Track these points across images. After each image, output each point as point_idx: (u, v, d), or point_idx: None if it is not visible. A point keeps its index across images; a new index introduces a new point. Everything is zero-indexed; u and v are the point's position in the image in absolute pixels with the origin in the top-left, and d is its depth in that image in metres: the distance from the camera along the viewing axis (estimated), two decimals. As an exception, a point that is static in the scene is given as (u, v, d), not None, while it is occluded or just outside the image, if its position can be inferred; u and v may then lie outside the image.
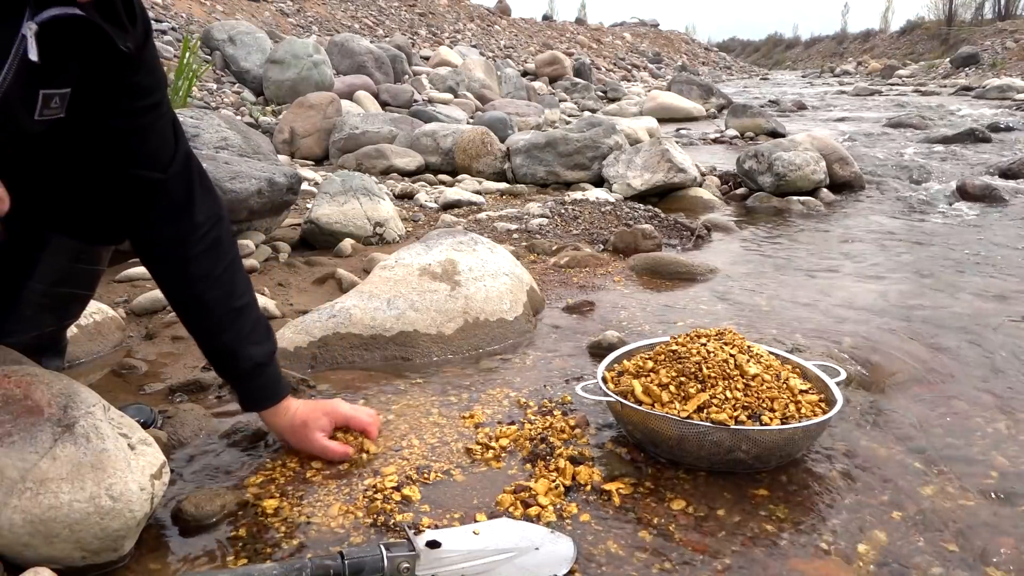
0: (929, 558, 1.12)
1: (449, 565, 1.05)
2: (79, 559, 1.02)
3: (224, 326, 1.29)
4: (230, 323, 1.28)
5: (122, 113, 1.16)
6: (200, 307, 1.29)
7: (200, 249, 1.26)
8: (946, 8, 36.71)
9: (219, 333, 1.29)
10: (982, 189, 4.18)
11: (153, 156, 1.22)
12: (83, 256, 1.35)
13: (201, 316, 1.30)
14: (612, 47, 25.31)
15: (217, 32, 7.36)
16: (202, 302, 1.28)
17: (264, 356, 1.32)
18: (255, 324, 1.32)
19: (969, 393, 1.71)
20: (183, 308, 1.31)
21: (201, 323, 1.31)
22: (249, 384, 1.32)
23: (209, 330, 1.31)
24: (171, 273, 1.30)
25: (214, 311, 1.28)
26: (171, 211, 1.25)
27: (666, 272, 2.63)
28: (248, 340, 1.30)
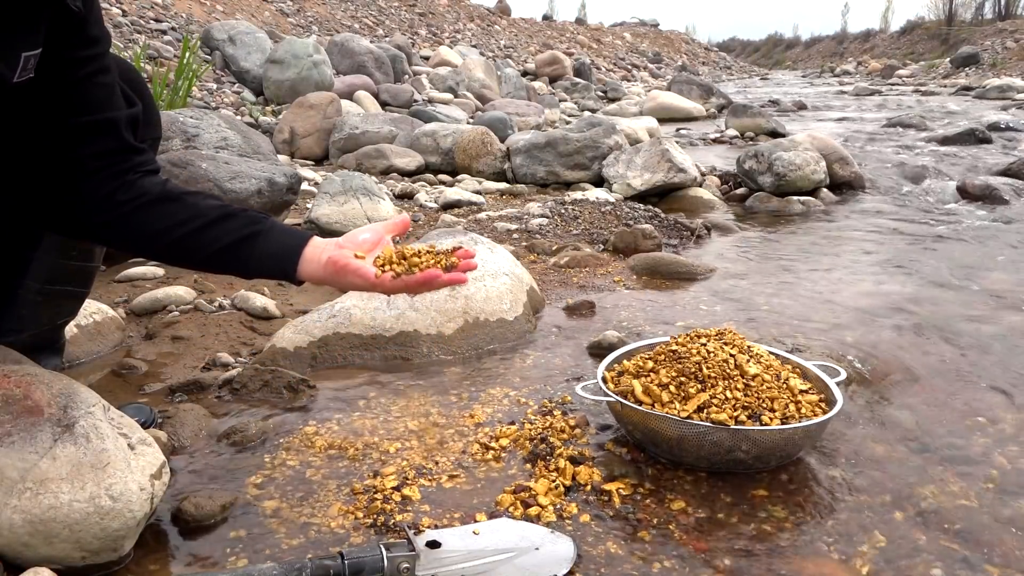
0: (929, 558, 1.12)
1: (449, 565, 1.05)
2: (79, 559, 1.02)
3: (208, 222, 1.14)
4: (214, 218, 1.15)
5: (74, 64, 1.11)
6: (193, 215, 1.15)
7: (160, 178, 1.18)
8: (946, 8, 36.71)
9: (208, 228, 1.14)
10: (982, 189, 4.18)
11: (104, 102, 1.15)
12: (74, 252, 1.35)
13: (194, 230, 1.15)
14: (612, 47, 25.31)
15: (217, 32, 7.36)
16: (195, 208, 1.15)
17: (260, 215, 1.18)
18: (239, 212, 1.17)
19: (969, 393, 1.71)
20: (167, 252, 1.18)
21: (194, 239, 1.16)
22: (259, 242, 1.14)
23: (200, 238, 1.15)
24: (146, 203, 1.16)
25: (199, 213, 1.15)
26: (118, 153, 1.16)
27: (666, 272, 2.63)
28: (238, 214, 1.16)
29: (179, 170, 2.45)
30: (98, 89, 1.15)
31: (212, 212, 1.16)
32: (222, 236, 1.14)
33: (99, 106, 1.14)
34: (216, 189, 2.48)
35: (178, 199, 1.16)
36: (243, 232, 1.14)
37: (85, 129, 1.13)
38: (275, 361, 1.76)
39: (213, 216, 1.15)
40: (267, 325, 2.06)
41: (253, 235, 1.14)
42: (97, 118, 1.14)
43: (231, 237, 1.14)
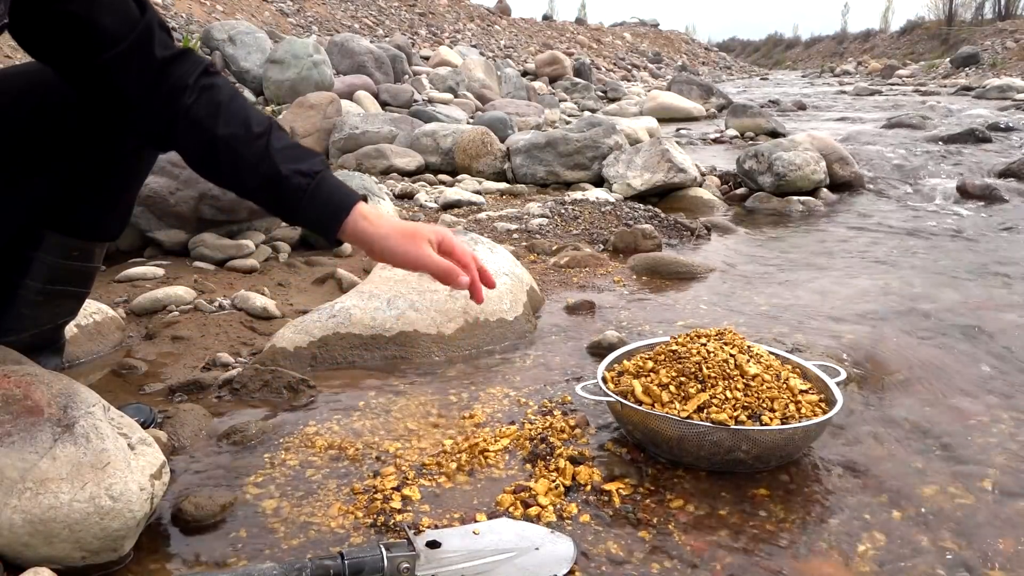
0: (929, 558, 1.12)
1: (449, 565, 1.05)
2: (79, 559, 1.02)
3: (254, 158, 1.12)
4: (259, 152, 1.12)
5: None
6: (223, 150, 1.13)
7: (197, 93, 1.13)
8: (946, 8, 36.74)
9: (253, 165, 1.12)
10: (982, 189, 4.18)
11: (106, 33, 1.08)
12: (76, 254, 1.35)
13: (227, 160, 1.14)
14: (612, 47, 25.31)
15: (217, 32, 7.36)
16: (222, 144, 1.12)
17: (312, 166, 1.14)
18: (288, 144, 1.15)
19: (970, 393, 1.71)
20: (207, 160, 1.16)
21: (230, 166, 1.14)
22: (305, 203, 1.13)
23: (245, 175, 1.14)
24: (187, 133, 1.14)
25: (238, 147, 1.12)
26: (156, 66, 1.12)
27: (666, 272, 2.63)
28: (285, 160, 1.12)
29: (179, 170, 2.45)
30: (113, 10, 1.08)
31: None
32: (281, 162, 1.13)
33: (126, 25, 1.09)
34: (216, 189, 2.48)
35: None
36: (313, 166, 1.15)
37: (110, 66, 1.09)
38: (275, 361, 1.76)
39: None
40: (267, 325, 2.06)
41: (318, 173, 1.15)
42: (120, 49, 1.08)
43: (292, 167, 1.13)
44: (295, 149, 1.15)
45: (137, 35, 1.10)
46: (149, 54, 1.12)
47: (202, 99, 1.13)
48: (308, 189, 1.13)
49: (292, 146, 1.16)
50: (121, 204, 1.38)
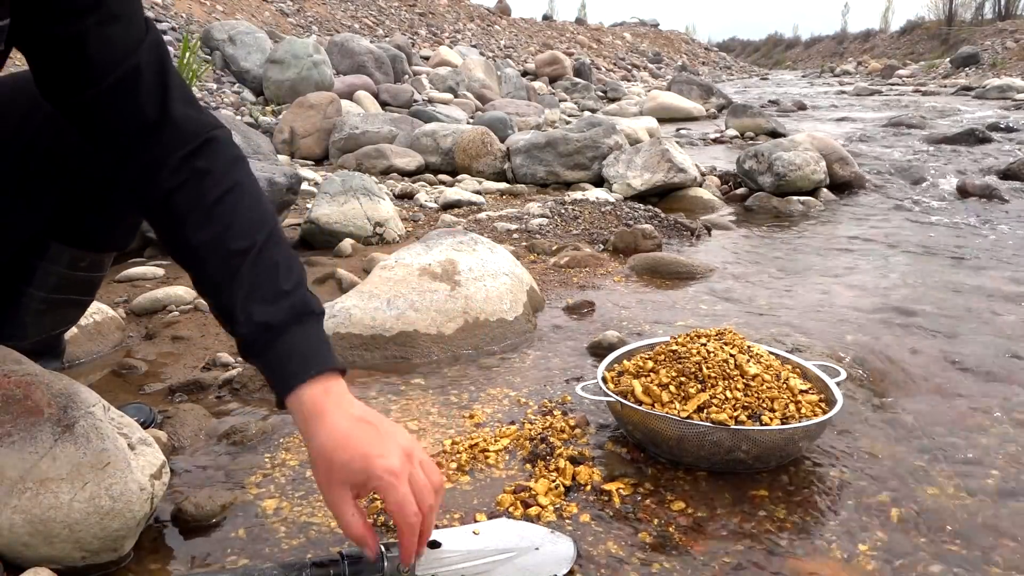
0: (929, 558, 1.12)
1: (449, 565, 1.05)
2: (79, 559, 1.02)
3: (221, 279, 0.93)
4: (229, 274, 0.93)
5: (64, 15, 0.89)
6: (191, 256, 0.97)
7: (183, 176, 0.95)
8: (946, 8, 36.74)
9: (218, 289, 0.94)
10: (982, 189, 4.18)
11: (109, 60, 0.93)
12: (83, 264, 1.33)
13: (194, 268, 0.97)
14: (612, 47, 25.30)
15: (217, 32, 7.36)
16: (190, 248, 0.96)
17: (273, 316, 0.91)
18: (264, 274, 0.93)
19: (970, 393, 1.71)
20: (178, 258, 1.00)
21: (198, 278, 0.98)
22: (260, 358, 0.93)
23: (205, 288, 0.98)
24: (159, 213, 0.98)
25: (206, 260, 0.95)
26: (138, 126, 0.95)
27: (666, 272, 2.63)
28: (250, 298, 0.92)
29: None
30: (105, 42, 0.92)
31: None
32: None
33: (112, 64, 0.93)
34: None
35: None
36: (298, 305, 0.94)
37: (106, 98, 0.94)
38: (275, 361, 1.76)
39: None
40: (267, 325, 2.05)
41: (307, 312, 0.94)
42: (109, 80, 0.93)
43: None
44: (272, 280, 0.93)
45: (120, 75, 0.93)
46: (131, 105, 0.95)
47: (187, 188, 0.96)
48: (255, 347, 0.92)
49: (272, 273, 0.94)
50: (130, 215, 1.34)
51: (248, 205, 0.98)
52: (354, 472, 0.86)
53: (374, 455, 0.86)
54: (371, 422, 0.90)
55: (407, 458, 0.89)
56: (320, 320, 0.96)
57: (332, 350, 0.94)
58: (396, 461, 0.87)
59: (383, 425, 0.91)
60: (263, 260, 0.94)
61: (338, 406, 0.89)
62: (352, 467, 0.86)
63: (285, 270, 0.95)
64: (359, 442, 0.87)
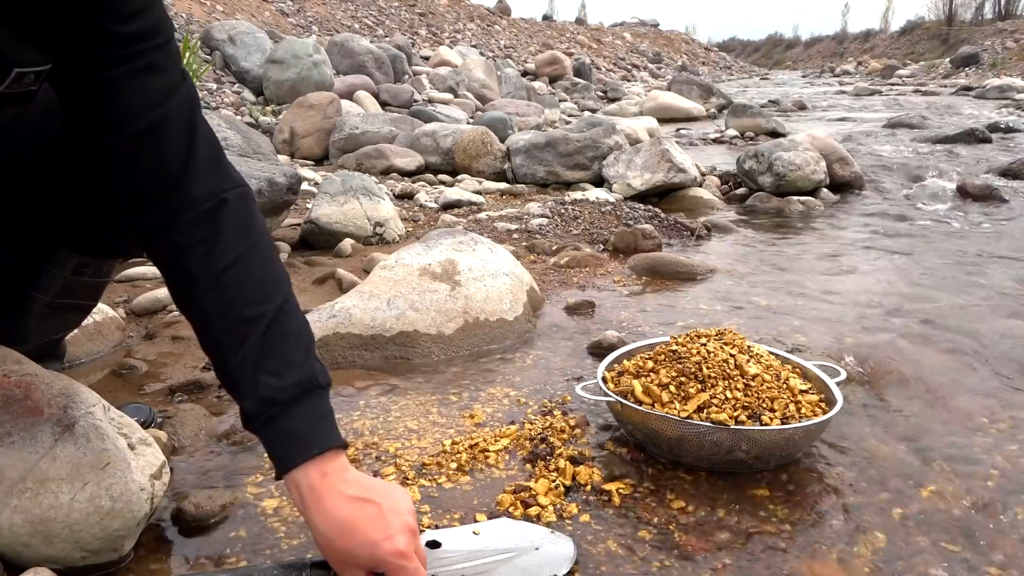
0: (929, 558, 1.12)
1: (449, 565, 1.05)
2: (79, 559, 1.02)
3: (228, 346, 0.93)
4: (236, 342, 0.92)
5: (104, 64, 0.89)
6: (198, 316, 0.96)
7: (196, 236, 0.94)
8: (946, 8, 36.75)
9: (224, 355, 0.94)
10: (982, 189, 4.18)
11: (136, 110, 0.92)
12: (88, 269, 1.32)
13: (201, 329, 0.97)
14: (612, 47, 25.31)
15: (217, 32, 7.36)
16: (198, 309, 0.96)
17: (279, 393, 0.91)
18: (273, 346, 0.92)
19: (969, 393, 1.71)
20: (185, 314, 0.99)
21: (204, 339, 0.97)
22: (261, 433, 0.93)
23: (213, 350, 0.96)
24: (168, 268, 0.98)
25: (213, 324, 0.94)
26: (157, 179, 0.94)
27: (666, 272, 2.63)
28: (258, 370, 0.91)
29: (179, 170, 2.45)
30: (138, 91, 0.91)
31: None
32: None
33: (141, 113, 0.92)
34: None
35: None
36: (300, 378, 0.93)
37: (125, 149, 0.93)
38: (275, 361, 1.76)
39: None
40: (267, 325, 2.05)
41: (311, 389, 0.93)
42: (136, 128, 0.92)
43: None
44: (282, 352, 0.93)
45: (146, 125, 0.92)
46: (153, 157, 0.93)
47: (199, 248, 0.94)
48: (257, 421, 0.92)
49: (281, 344, 0.93)
50: None
51: (261, 270, 0.96)
52: (362, 559, 0.87)
53: (380, 540, 0.87)
54: (372, 500, 0.90)
55: (411, 534, 0.89)
56: (326, 393, 0.95)
57: (334, 424, 0.94)
58: (403, 543, 0.87)
59: (385, 501, 0.90)
60: (273, 331, 0.93)
61: (335, 488, 0.89)
62: (359, 554, 0.87)
63: (295, 340, 0.94)
64: (363, 528, 0.87)
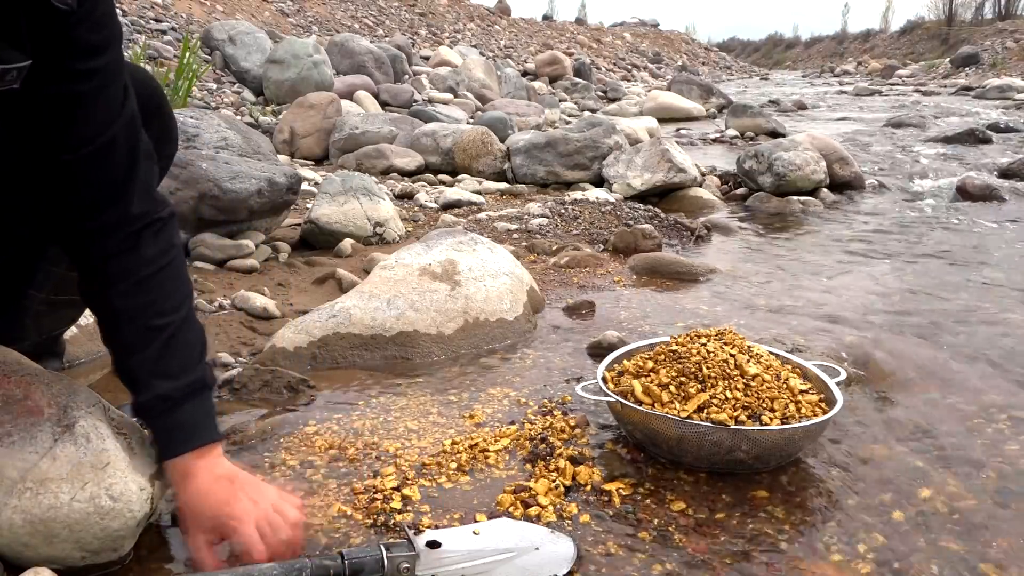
0: (929, 558, 1.12)
1: (449, 565, 1.05)
2: (79, 559, 1.02)
3: (133, 346, 1.05)
4: (142, 344, 1.05)
5: (59, 77, 0.94)
6: (109, 316, 1.08)
7: (124, 247, 1.05)
8: (946, 8, 36.76)
9: (128, 353, 1.07)
10: (982, 189, 4.18)
11: (91, 130, 1.00)
12: None
13: (109, 327, 1.09)
14: (612, 47, 25.30)
15: (217, 32, 7.36)
16: (111, 310, 1.07)
17: (173, 391, 1.05)
18: (174, 351, 1.06)
19: (969, 393, 1.71)
20: (95, 311, 1.11)
21: (109, 336, 1.10)
22: (152, 424, 1.08)
23: (115, 347, 1.09)
24: (91, 270, 1.08)
25: (123, 325, 1.06)
26: (102, 193, 1.03)
27: (666, 272, 2.63)
28: (157, 370, 1.05)
29: (179, 170, 2.45)
30: (94, 110, 0.99)
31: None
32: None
33: (96, 132, 1.00)
34: (216, 189, 2.48)
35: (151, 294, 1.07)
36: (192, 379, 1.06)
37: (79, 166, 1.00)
38: (275, 361, 1.76)
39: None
40: (267, 325, 2.06)
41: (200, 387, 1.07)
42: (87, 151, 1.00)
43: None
44: (178, 358, 1.06)
45: (99, 145, 1.00)
46: (99, 175, 1.03)
47: (123, 258, 1.05)
48: (151, 414, 1.06)
49: (179, 351, 1.07)
50: None
51: (173, 285, 1.09)
52: (208, 519, 1.03)
53: (222, 503, 1.03)
54: (230, 478, 1.06)
55: (253, 503, 1.03)
56: (211, 391, 1.10)
57: (215, 421, 1.10)
58: (240, 508, 1.02)
59: (239, 480, 1.06)
60: (176, 338, 1.07)
61: (205, 468, 1.05)
62: (206, 515, 1.03)
63: (192, 347, 1.09)
64: (215, 496, 1.03)
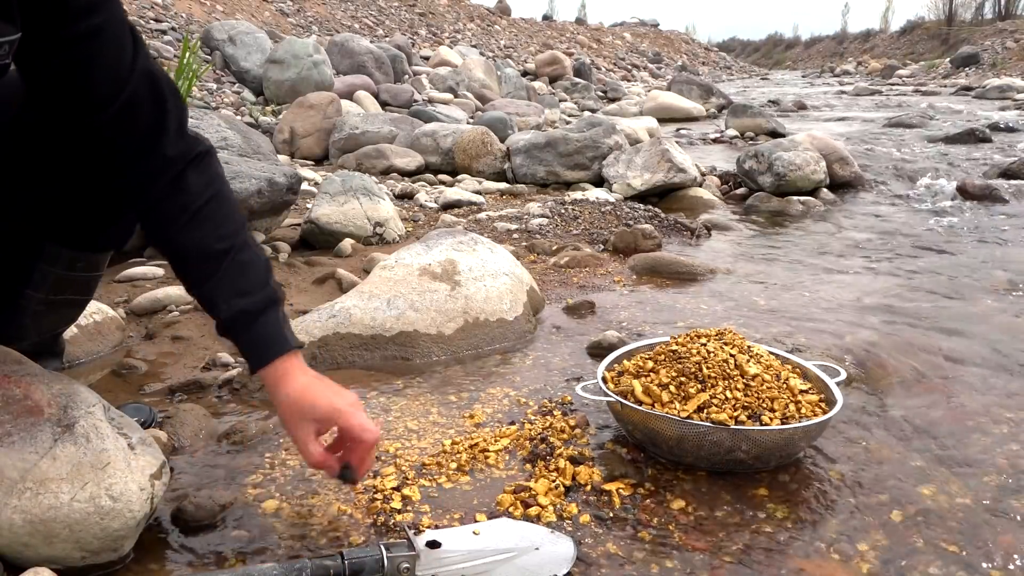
0: (929, 558, 1.12)
1: (449, 565, 1.05)
2: (79, 559, 1.02)
3: (204, 274, 1.12)
4: (211, 269, 1.11)
5: (61, 45, 0.99)
6: (177, 253, 1.14)
7: (173, 187, 1.11)
8: (946, 8, 36.77)
9: (199, 282, 1.13)
10: (982, 189, 4.18)
11: (110, 88, 1.05)
12: (79, 264, 1.32)
13: (179, 262, 1.15)
14: (612, 47, 25.31)
15: (217, 32, 7.36)
16: (177, 247, 1.13)
17: (250, 306, 1.11)
18: (242, 271, 1.13)
19: (969, 393, 1.71)
20: (162, 252, 1.18)
21: (181, 270, 1.15)
22: (239, 338, 1.13)
23: (189, 278, 1.15)
24: (148, 215, 1.15)
25: (190, 257, 1.13)
26: (138, 145, 1.10)
27: (666, 272, 2.63)
28: (231, 290, 1.11)
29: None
30: (107, 68, 1.03)
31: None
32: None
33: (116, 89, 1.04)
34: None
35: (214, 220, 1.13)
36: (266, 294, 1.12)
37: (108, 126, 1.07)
38: (275, 361, 1.76)
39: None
40: (267, 325, 2.05)
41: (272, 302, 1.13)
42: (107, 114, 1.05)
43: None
44: (247, 277, 1.13)
45: (123, 101, 1.06)
46: (133, 129, 1.08)
47: (176, 197, 1.11)
48: (235, 329, 1.12)
49: (247, 270, 1.13)
50: (128, 216, 1.32)
51: (226, 213, 1.15)
52: (319, 409, 1.09)
53: (333, 395, 1.11)
54: (320, 378, 1.14)
55: (353, 407, 1.11)
56: (282, 305, 1.17)
57: (292, 331, 1.16)
58: (347, 399, 1.12)
59: (332, 384, 1.15)
60: (241, 261, 1.13)
61: (299, 369, 1.12)
62: (318, 405, 1.09)
63: (258, 267, 1.15)
64: (321, 390, 1.11)
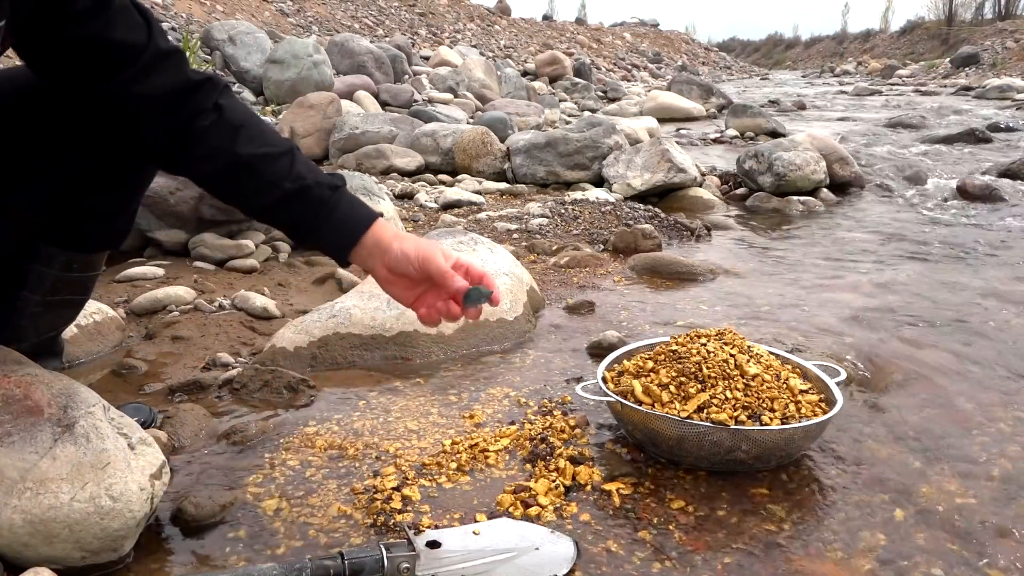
0: (929, 558, 1.12)
1: (449, 565, 1.05)
2: (79, 559, 1.02)
3: (281, 168, 1.13)
4: (286, 168, 1.13)
5: (65, 20, 1.01)
6: (245, 169, 1.13)
7: (213, 116, 1.13)
8: (946, 8, 36.78)
9: (279, 178, 1.13)
10: (982, 189, 4.18)
11: (130, 39, 1.07)
12: (75, 265, 1.32)
13: (251, 179, 1.14)
14: (612, 47, 25.31)
15: (217, 32, 7.36)
16: (242, 161, 1.13)
17: (333, 180, 1.16)
18: (307, 163, 1.17)
19: (969, 392, 1.71)
20: (223, 183, 1.17)
21: (255, 183, 1.14)
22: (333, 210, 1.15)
23: (267, 186, 1.14)
24: (199, 147, 1.14)
25: (258, 165, 1.13)
26: (172, 88, 1.11)
27: (666, 272, 2.63)
28: (310, 175, 1.14)
29: (179, 170, 2.45)
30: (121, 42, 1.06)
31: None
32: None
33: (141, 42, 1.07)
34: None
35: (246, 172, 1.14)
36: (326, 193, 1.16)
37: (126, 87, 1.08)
38: (275, 361, 1.76)
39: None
40: (267, 325, 2.06)
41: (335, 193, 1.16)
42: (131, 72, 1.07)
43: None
44: (315, 166, 1.18)
45: (151, 55, 1.09)
46: (164, 76, 1.11)
47: (220, 122, 1.14)
48: (330, 201, 1.15)
49: (312, 164, 1.19)
50: (122, 216, 1.33)
51: (265, 125, 1.20)
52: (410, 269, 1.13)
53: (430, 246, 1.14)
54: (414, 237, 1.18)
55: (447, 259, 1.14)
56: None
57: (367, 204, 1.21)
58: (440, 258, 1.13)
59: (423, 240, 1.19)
60: (301, 156, 1.17)
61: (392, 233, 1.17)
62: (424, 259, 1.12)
63: (313, 164, 1.20)
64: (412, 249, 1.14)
